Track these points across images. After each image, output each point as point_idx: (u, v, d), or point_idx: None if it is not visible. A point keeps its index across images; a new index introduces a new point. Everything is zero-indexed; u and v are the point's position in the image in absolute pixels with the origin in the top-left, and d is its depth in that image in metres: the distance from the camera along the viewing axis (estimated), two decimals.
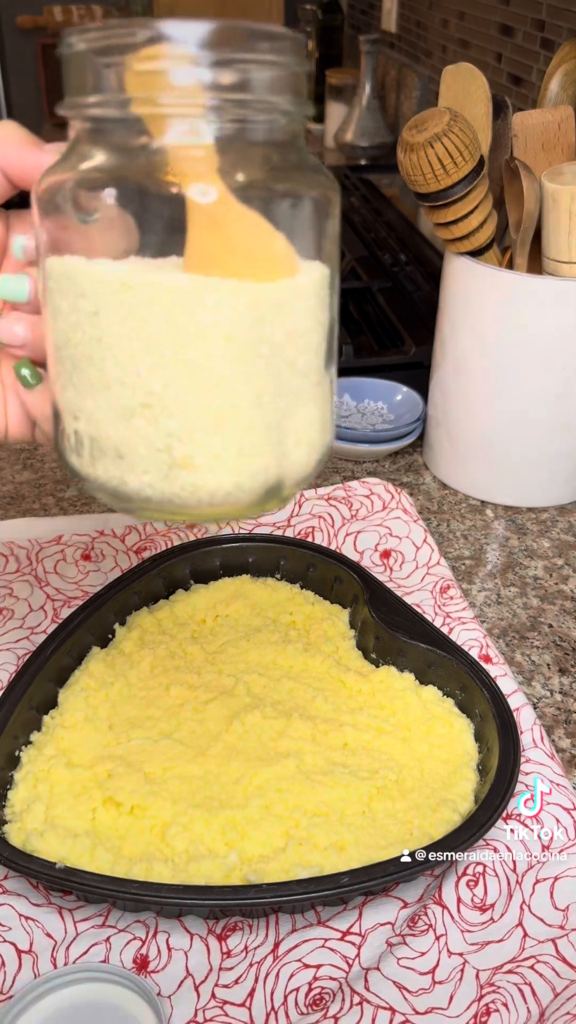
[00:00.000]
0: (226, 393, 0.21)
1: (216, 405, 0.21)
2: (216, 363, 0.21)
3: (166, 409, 0.21)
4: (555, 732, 0.42)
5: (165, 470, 0.22)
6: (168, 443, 0.22)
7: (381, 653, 0.43)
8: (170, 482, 0.22)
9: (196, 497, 0.22)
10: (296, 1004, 0.32)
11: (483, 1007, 0.31)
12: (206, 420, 0.22)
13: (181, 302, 0.21)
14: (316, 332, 0.24)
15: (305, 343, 0.23)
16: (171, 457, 0.22)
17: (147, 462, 0.22)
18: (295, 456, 0.23)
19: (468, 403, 0.56)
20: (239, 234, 0.22)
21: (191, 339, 0.21)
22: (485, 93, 0.51)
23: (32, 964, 0.33)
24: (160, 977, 0.32)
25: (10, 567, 0.51)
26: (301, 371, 0.23)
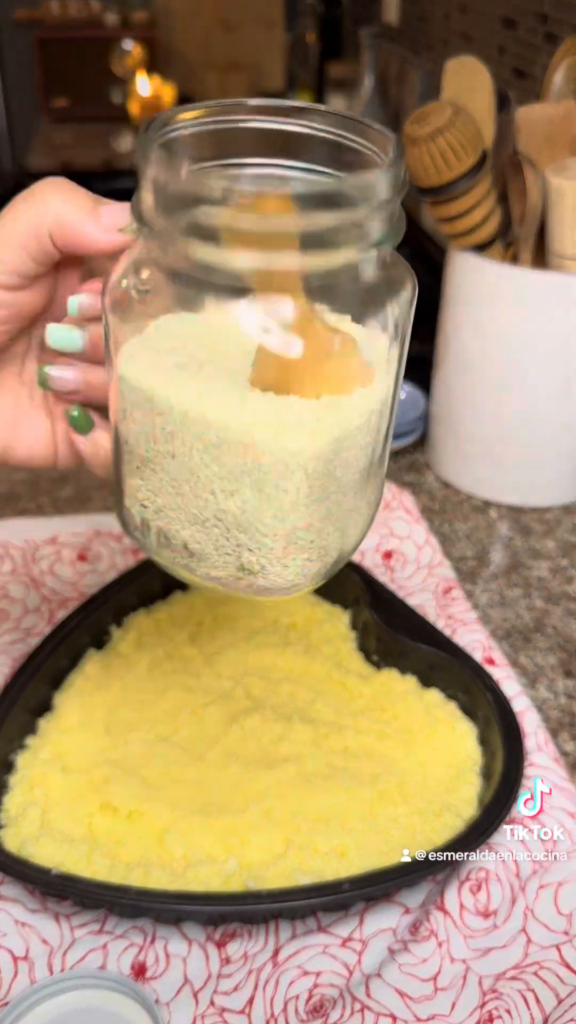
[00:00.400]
0: (298, 517, 0.22)
1: (287, 528, 0.22)
2: (292, 495, 0.22)
3: (239, 525, 0.22)
4: (560, 735, 0.42)
5: (234, 571, 0.23)
6: (239, 552, 0.23)
7: (383, 655, 0.43)
8: (238, 580, 0.23)
9: (261, 593, 0.24)
10: (296, 1011, 0.31)
11: (486, 1014, 0.31)
12: (276, 540, 0.22)
13: (262, 444, 0.21)
14: (381, 437, 0.25)
15: (372, 450, 0.24)
16: (239, 561, 0.23)
17: (216, 561, 0.23)
18: (348, 547, 0.25)
19: (471, 401, 0.56)
20: (317, 354, 0.21)
21: (270, 474, 0.21)
22: (488, 87, 0.50)
23: (28, 970, 0.32)
24: (158, 984, 0.32)
25: (5, 568, 0.50)
26: (363, 476, 0.24)
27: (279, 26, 1.51)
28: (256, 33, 1.51)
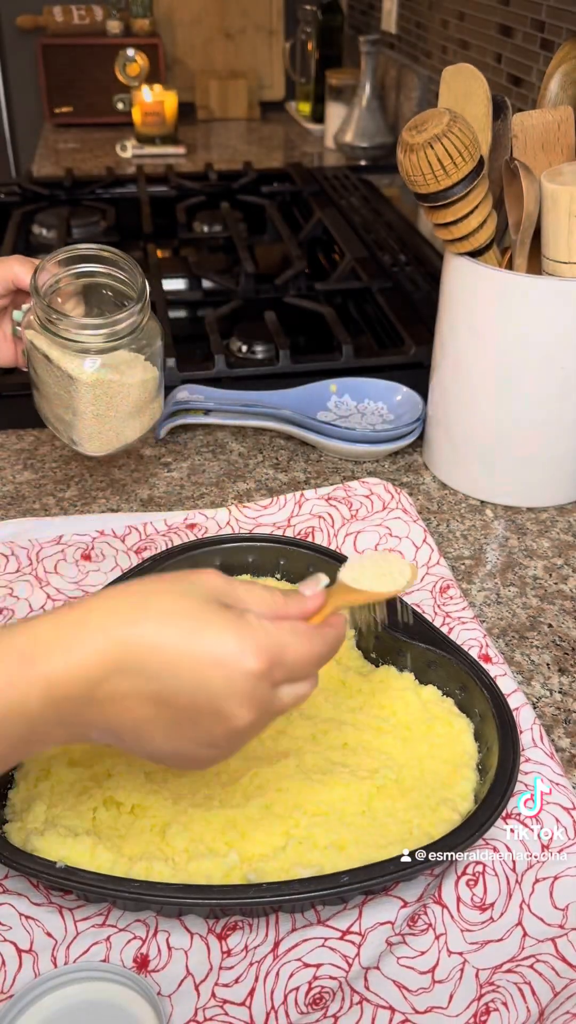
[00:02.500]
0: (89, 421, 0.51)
1: (87, 428, 0.50)
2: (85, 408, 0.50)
3: (66, 421, 0.51)
4: (555, 732, 0.42)
5: (71, 441, 0.51)
6: (69, 431, 0.51)
7: (381, 653, 0.44)
8: (72, 444, 0.51)
9: (80, 451, 0.52)
10: (296, 1003, 0.32)
11: (483, 1006, 0.31)
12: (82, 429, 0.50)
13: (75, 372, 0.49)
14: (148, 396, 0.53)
15: (139, 400, 0.53)
16: (71, 437, 0.51)
17: (64, 435, 0.52)
18: (124, 441, 0.52)
19: (468, 403, 0.56)
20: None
21: (77, 390, 0.49)
22: (485, 93, 0.51)
23: (32, 963, 0.33)
24: (160, 976, 0.33)
25: (10, 567, 0.51)
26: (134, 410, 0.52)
27: (279, 34, 1.53)
28: (256, 41, 1.53)
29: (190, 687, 0.28)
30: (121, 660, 0.27)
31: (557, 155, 0.53)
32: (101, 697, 0.27)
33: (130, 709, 0.28)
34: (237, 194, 1.03)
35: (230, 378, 0.66)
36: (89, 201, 1.02)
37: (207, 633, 0.28)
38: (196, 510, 0.56)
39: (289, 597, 0.31)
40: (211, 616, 0.28)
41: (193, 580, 0.29)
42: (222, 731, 0.29)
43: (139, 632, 0.28)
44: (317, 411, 0.65)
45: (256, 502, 0.56)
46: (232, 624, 0.28)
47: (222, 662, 0.28)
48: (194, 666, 0.28)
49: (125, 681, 0.27)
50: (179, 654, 0.28)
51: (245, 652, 0.28)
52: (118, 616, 0.28)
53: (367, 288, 0.79)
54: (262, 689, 0.29)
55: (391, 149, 1.27)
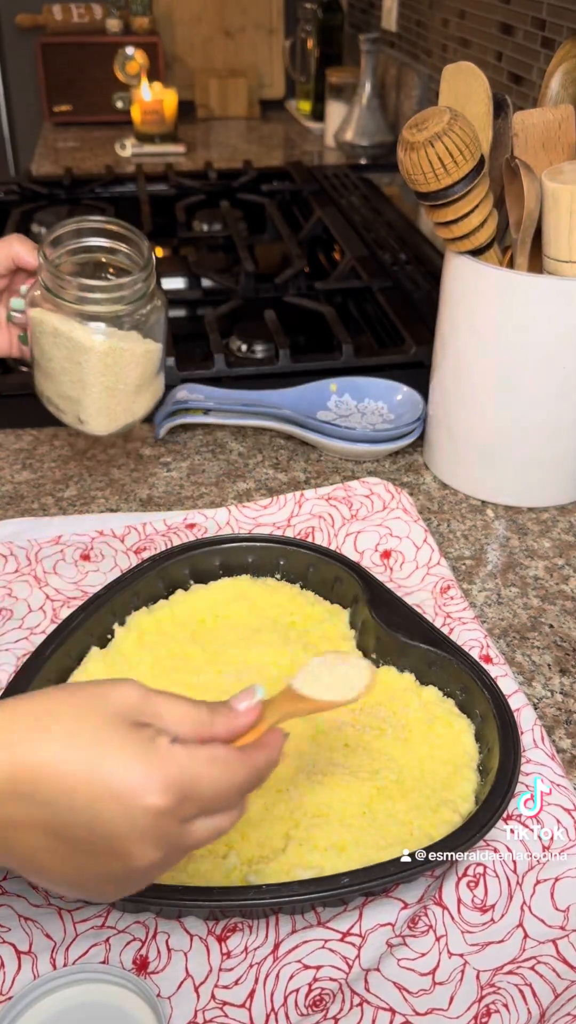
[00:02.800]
0: (97, 394, 0.49)
1: (96, 402, 0.49)
2: (96, 386, 0.49)
3: (73, 398, 0.50)
4: (556, 732, 0.42)
5: (75, 420, 0.50)
6: (76, 410, 0.50)
7: (381, 653, 0.43)
8: (77, 424, 0.51)
9: (86, 431, 0.51)
10: (296, 1005, 0.32)
11: (483, 1008, 0.31)
12: (90, 406, 0.50)
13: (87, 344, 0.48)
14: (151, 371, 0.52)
15: (142, 375, 0.51)
16: (77, 416, 0.50)
17: (69, 415, 0.51)
18: (133, 419, 0.52)
19: (468, 403, 0.56)
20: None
21: (86, 369, 0.49)
22: (485, 92, 0.51)
23: (31, 965, 0.33)
24: (160, 978, 0.32)
25: (9, 567, 0.50)
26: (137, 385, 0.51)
27: (279, 32, 1.52)
28: (256, 39, 1.52)
29: (86, 820, 0.25)
30: (16, 785, 0.25)
31: (558, 154, 0.53)
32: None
33: (24, 837, 0.26)
34: (237, 193, 1.03)
35: (230, 377, 0.66)
36: (88, 200, 1.02)
37: (109, 760, 0.25)
38: (196, 510, 0.56)
39: (217, 712, 0.28)
40: (115, 740, 0.25)
41: (105, 694, 0.26)
42: (122, 868, 0.26)
43: (38, 753, 0.25)
44: (317, 411, 0.65)
45: (256, 502, 0.56)
46: (138, 752, 0.25)
47: (121, 796, 0.25)
48: (92, 797, 0.25)
49: (18, 808, 0.25)
50: (77, 782, 0.25)
51: (149, 786, 0.25)
52: (16, 734, 0.25)
53: (367, 287, 0.78)
54: (166, 826, 0.26)
55: (391, 148, 1.27)
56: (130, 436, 0.65)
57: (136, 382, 0.49)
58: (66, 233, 0.48)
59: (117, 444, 0.64)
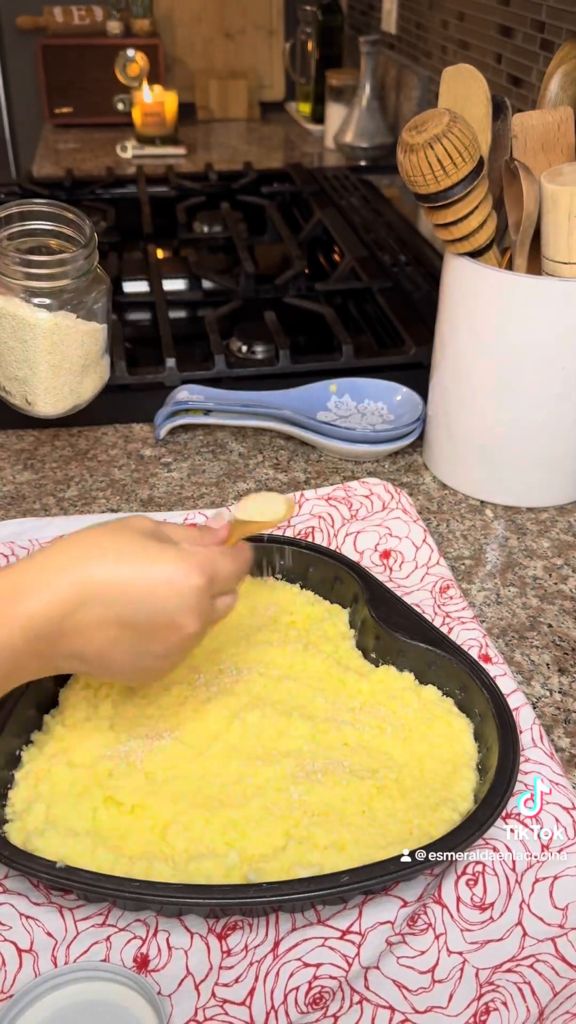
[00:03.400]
0: (44, 373, 0.51)
1: (43, 382, 0.51)
2: (43, 365, 0.50)
3: (22, 378, 0.51)
4: (554, 732, 0.42)
5: (24, 403, 0.52)
6: (24, 392, 0.51)
7: (381, 653, 0.44)
8: (25, 407, 0.52)
9: (34, 413, 0.52)
10: (296, 1003, 0.32)
11: (482, 1006, 0.32)
12: (38, 387, 0.51)
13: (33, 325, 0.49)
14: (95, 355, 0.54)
15: (85, 357, 0.53)
16: (25, 397, 0.51)
17: (17, 398, 0.52)
18: (80, 400, 0.53)
19: (468, 403, 0.56)
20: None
21: (33, 350, 0.50)
22: (485, 94, 0.51)
23: (33, 963, 0.33)
24: (160, 976, 0.33)
25: None
26: (83, 365, 0.52)
27: (279, 34, 1.53)
28: (256, 41, 1.53)
29: (148, 607, 0.33)
30: (85, 595, 0.32)
31: (557, 155, 0.53)
32: (70, 628, 0.32)
33: (96, 635, 0.33)
34: (237, 194, 1.03)
35: (230, 378, 0.66)
36: (89, 201, 1.02)
37: (155, 562, 0.34)
38: (196, 510, 0.56)
39: (203, 531, 0.38)
40: (154, 548, 0.34)
41: (129, 524, 0.35)
42: (176, 639, 0.34)
43: (96, 568, 0.33)
44: (317, 411, 0.65)
45: None
46: (173, 552, 0.34)
47: (172, 582, 0.33)
48: (150, 589, 0.33)
49: (90, 612, 0.32)
50: (133, 581, 0.33)
51: (190, 571, 0.34)
52: (78, 558, 0.33)
53: (367, 288, 0.79)
54: (205, 601, 0.35)
55: (391, 149, 1.27)
56: (131, 437, 0.65)
57: (81, 361, 0.51)
58: (8, 216, 0.49)
59: (118, 445, 0.64)
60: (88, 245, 0.49)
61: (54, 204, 0.50)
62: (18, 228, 0.49)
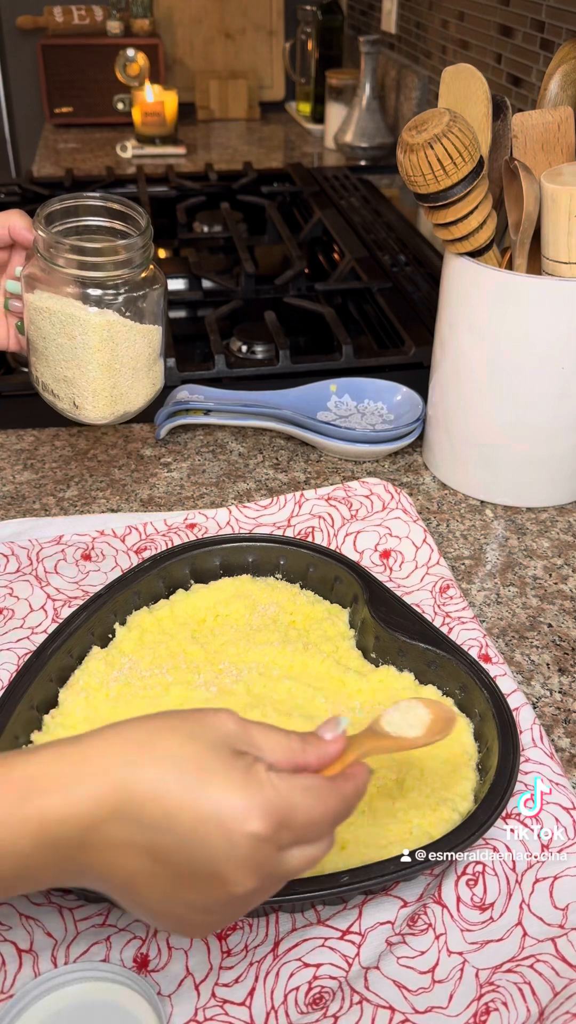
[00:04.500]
0: (94, 373, 0.48)
1: (92, 383, 0.48)
2: (94, 367, 0.48)
3: (71, 381, 0.48)
4: (554, 731, 0.42)
5: (71, 406, 0.49)
6: (72, 395, 0.48)
7: (381, 653, 0.44)
8: (72, 411, 0.49)
9: (81, 417, 0.49)
10: (296, 1003, 0.32)
11: (483, 1006, 0.31)
12: (87, 390, 0.48)
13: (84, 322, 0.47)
14: (153, 355, 0.51)
15: (141, 358, 0.50)
16: (73, 400, 0.49)
17: (65, 401, 0.49)
18: (132, 407, 0.50)
19: (468, 403, 0.56)
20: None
21: (83, 349, 0.47)
22: (485, 94, 0.51)
23: (32, 963, 0.33)
24: (160, 976, 0.33)
25: (10, 567, 0.51)
26: (139, 367, 0.49)
27: (279, 34, 1.53)
28: (256, 41, 1.53)
29: (188, 844, 0.25)
30: (118, 805, 0.25)
31: (557, 155, 0.53)
32: (95, 843, 0.25)
33: (123, 860, 0.26)
34: (237, 194, 1.03)
35: (230, 378, 0.66)
36: None
37: (211, 786, 0.25)
38: (196, 510, 0.56)
39: (308, 742, 0.28)
40: (218, 766, 0.26)
41: (206, 722, 0.27)
42: (219, 896, 0.26)
43: (140, 775, 0.25)
44: (317, 411, 0.65)
45: (256, 502, 0.56)
46: (239, 779, 0.26)
47: (224, 821, 0.25)
48: (194, 821, 0.25)
49: (121, 829, 0.25)
50: (180, 806, 0.25)
51: (250, 812, 0.25)
52: (121, 755, 0.26)
53: (367, 288, 0.79)
54: (266, 853, 0.26)
55: (391, 149, 1.27)
56: (131, 436, 0.65)
57: (133, 363, 0.47)
58: (62, 210, 0.47)
59: (118, 445, 0.64)
60: (144, 233, 0.46)
61: (110, 198, 0.47)
62: (72, 224, 0.47)
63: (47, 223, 0.46)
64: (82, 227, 0.47)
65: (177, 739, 0.26)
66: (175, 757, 0.26)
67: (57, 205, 0.47)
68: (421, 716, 0.31)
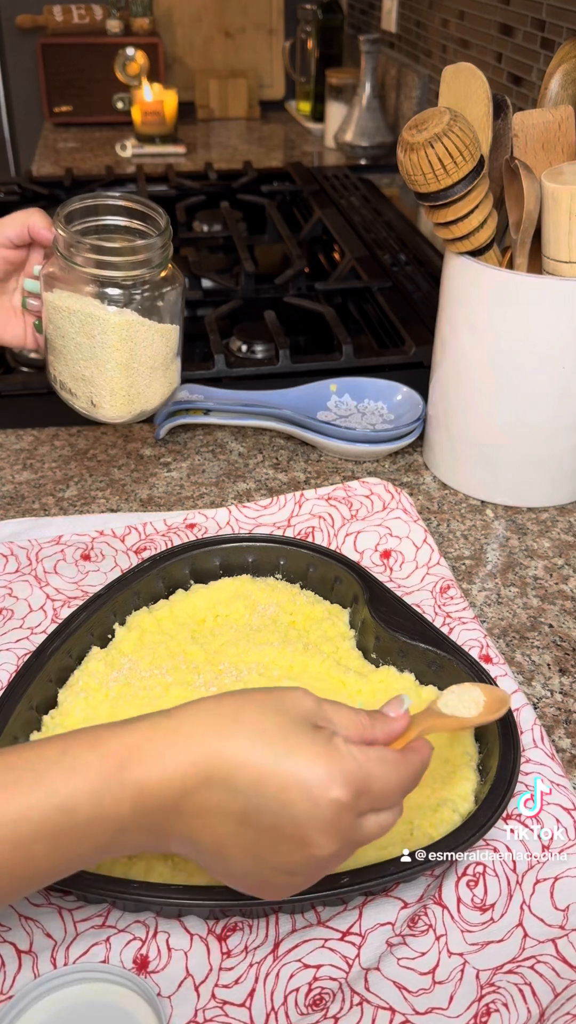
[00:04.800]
0: (112, 372, 0.48)
1: (110, 381, 0.48)
2: (112, 364, 0.48)
3: (89, 379, 0.48)
4: (555, 732, 0.42)
5: (88, 404, 0.49)
6: (90, 394, 0.48)
7: (381, 653, 0.43)
8: (89, 409, 0.49)
9: (98, 416, 0.49)
10: (296, 1004, 0.32)
11: (483, 1007, 0.31)
12: (104, 388, 0.48)
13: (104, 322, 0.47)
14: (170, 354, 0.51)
15: (158, 356, 0.49)
16: (90, 399, 0.49)
17: (82, 399, 0.49)
18: (149, 406, 0.50)
19: (468, 403, 0.56)
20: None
21: (102, 348, 0.47)
22: (485, 93, 0.51)
23: (32, 964, 0.33)
24: (160, 977, 0.33)
25: (10, 567, 0.51)
26: (155, 365, 0.49)
27: (279, 33, 1.52)
28: (256, 40, 1.53)
29: (275, 808, 0.27)
30: (210, 773, 0.27)
31: (557, 154, 0.53)
32: (188, 809, 0.27)
33: (214, 824, 0.28)
34: (237, 193, 1.03)
35: (230, 378, 0.66)
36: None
37: (297, 756, 0.28)
38: (196, 510, 0.56)
39: (375, 719, 0.31)
40: (302, 738, 0.28)
41: (286, 698, 0.29)
42: (301, 858, 0.28)
43: (230, 746, 0.28)
44: (317, 411, 0.65)
45: (256, 502, 0.56)
46: (322, 749, 0.28)
47: (309, 788, 0.27)
48: (281, 788, 0.27)
49: (212, 795, 0.27)
50: (267, 773, 0.27)
51: (333, 780, 0.27)
52: (211, 728, 0.28)
53: (367, 288, 0.78)
54: (346, 818, 0.28)
55: (391, 148, 1.27)
56: (130, 436, 0.65)
57: (151, 362, 0.48)
58: (81, 208, 0.47)
59: (117, 444, 0.64)
60: (163, 234, 0.46)
61: (129, 198, 0.47)
62: (92, 223, 0.47)
63: (67, 222, 0.46)
64: (101, 226, 0.48)
65: (261, 713, 0.28)
66: (261, 729, 0.28)
67: (77, 204, 0.47)
68: (475, 697, 0.33)
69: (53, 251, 0.46)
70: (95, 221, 0.48)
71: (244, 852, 0.28)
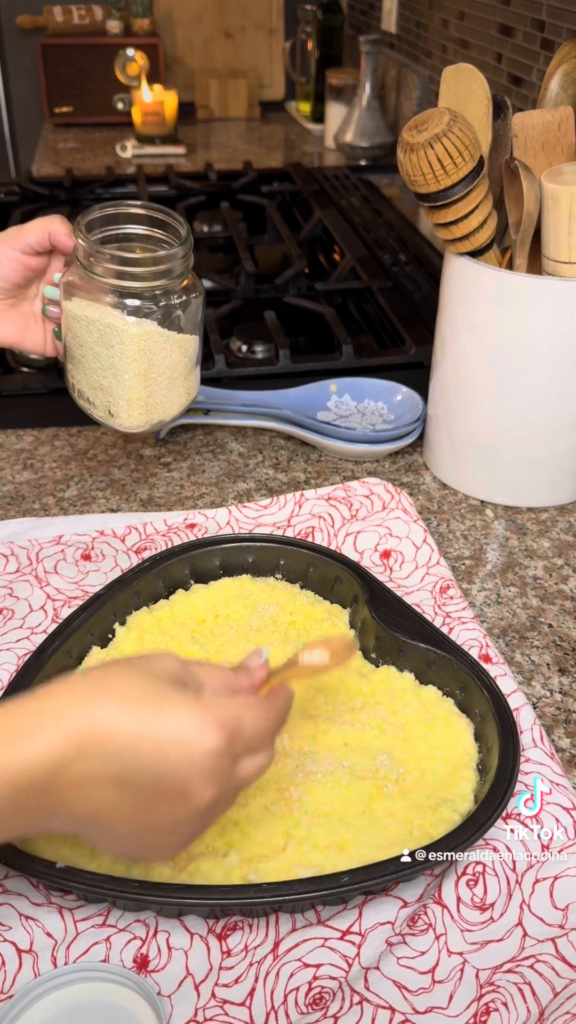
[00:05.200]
0: (130, 382, 0.47)
1: (128, 392, 0.48)
2: (130, 375, 0.47)
3: (107, 389, 0.48)
4: (555, 732, 0.42)
5: (106, 414, 0.49)
6: (108, 403, 0.49)
7: (381, 653, 0.44)
8: (107, 418, 0.49)
9: (115, 425, 0.49)
10: (296, 1003, 0.32)
11: (483, 1006, 0.31)
12: (122, 398, 0.48)
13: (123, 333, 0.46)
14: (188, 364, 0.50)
15: (176, 367, 0.49)
16: (108, 408, 0.49)
17: (100, 408, 0.49)
18: (167, 416, 0.50)
19: (468, 403, 0.56)
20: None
21: (122, 360, 0.47)
22: (485, 93, 0.51)
23: (32, 963, 0.33)
24: (160, 976, 0.33)
25: (10, 567, 0.51)
26: (173, 376, 0.49)
27: (279, 33, 1.53)
28: (256, 40, 1.53)
29: (152, 767, 0.28)
30: (83, 744, 0.27)
31: (557, 155, 0.53)
32: (63, 784, 0.27)
33: (92, 794, 0.28)
34: (237, 194, 1.03)
35: (230, 378, 0.66)
36: (89, 201, 1.02)
37: (166, 712, 0.28)
38: (196, 510, 0.56)
39: (238, 672, 0.33)
40: (171, 696, 0.29)
41: (151, 662, 0.30)
42: (185, 812, 0.29)
43: (100, 713, 0.27)
44: (317, 411, 0.65)
45: (256, 502, 0.56)
46: (189, 702, 0.29)
47: (184, 740, 0.28)
48: (156, 745, 0.28)
49: (87, 765, 0.27)
50: (140, 734, 0.27)
51: (206, 728, 0.28)
52: (78, 698, 0.28)
53: (367, 288, 0.79)
54: (224, 763, 0.29)
55: (391, 149, 1.27)
56: (130, 436, 0.65)
57: (169, 373, 0.47)
58: (102, 217, 0.46)
59: (117, 445, 0.64)
60: (184, 243, 0.46)
61: (149, 206, 0.47)
62: (112, 232, 0.47)
63: (87, 231, 0.45)
64: (122, 235, 0.47)
65: (127, 678, 0.29)
66: (129, 693, 0.28)
67: (98, 213, 0.46)
68: (333, 648, 0.36)
69: (73, 260, 0.46)
70: (116, 230, 0.47)
71: (126, 817, 0.28)
